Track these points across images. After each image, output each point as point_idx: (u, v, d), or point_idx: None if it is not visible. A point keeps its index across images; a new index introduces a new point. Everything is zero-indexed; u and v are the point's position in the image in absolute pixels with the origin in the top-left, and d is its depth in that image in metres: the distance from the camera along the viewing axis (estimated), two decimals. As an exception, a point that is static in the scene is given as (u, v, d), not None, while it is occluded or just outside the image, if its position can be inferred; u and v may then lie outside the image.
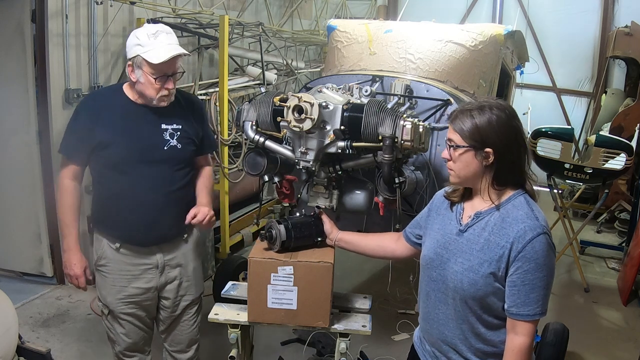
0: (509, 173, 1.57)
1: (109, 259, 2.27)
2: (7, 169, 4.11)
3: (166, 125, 2.23)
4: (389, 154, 2.12)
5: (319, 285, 2.00)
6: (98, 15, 4.22)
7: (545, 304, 1.53)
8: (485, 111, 1.54)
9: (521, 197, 1.58)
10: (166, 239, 2.32)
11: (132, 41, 2.12)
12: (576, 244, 5.08)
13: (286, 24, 6.60)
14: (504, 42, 3.43)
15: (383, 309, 3.86)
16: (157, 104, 2.17)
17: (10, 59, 3.94)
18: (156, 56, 2.06)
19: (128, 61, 2.13)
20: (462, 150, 1.57)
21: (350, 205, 2.47)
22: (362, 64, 3.18)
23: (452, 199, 1.72)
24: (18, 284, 4.10)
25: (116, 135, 2.15)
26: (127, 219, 2.22)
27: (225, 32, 4.26)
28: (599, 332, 3.87)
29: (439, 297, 1.67)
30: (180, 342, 2.48)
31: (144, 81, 2.11)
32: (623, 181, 5.90)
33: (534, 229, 1.50)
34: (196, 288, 2.46)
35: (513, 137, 1.55)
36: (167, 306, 2.39)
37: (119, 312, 2.30)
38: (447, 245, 1.65)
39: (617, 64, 7.20)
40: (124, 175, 2.18)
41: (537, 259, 1.49)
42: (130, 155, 2.17)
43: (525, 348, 1.54)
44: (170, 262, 2.34)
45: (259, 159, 2.32)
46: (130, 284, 2.28)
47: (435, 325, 1.70)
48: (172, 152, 2.24)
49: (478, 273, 1.55)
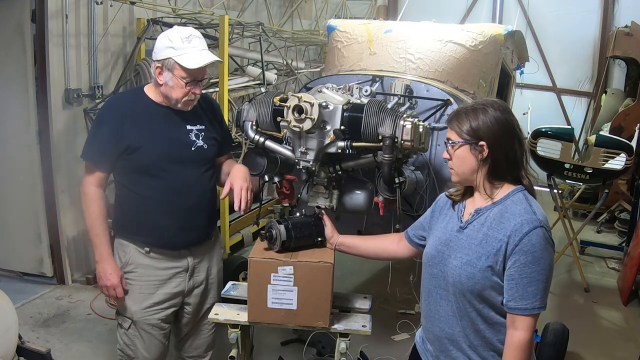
0: (504, 167, 1.61)
1: (137, 264, 2.22)
2: (7, 169, 4.11)
3: (191, 126, 2.21)
4: (389, 154, 2.12)
5: (319, 285, 2.00)
6: (98, 15, 4.22)
7: (544, 298, 1.53)
8: (478, 109, 1.61)
9: (520, 193, 1.61)
10: (197, 241, 2.30)
11: (164, 43, 2.07)
12: (576, 244, 5.08)
13: (286, 24, 6.60)
14: (504, 42, 3.42)
15: (383, 309, 3.86)
16: (182, 107, 2.14)
17: (10, 59, 3.94)
18: (193, 61, 2.04)
19: (156, 63, 2.09)
20: (458, 146, 1.63)
21: (350, 205, 2.47)
22: (362, 64, 3.18)
23: (454, 198, 1.76)
24: (18, 284, 4.10)
25: (145, 139, 2.12)
26: (158, 223, 2.18)
27: (225, 32, 4.26)
28: (599, 332, 3.87)
29: (440, 293, 1.68)
30: (199, 346, 2.46)
31: (172, 84, 2.08)
32: (623, 181, 5.90)
33: (531, 222, 1.52)
34: (218, 290, 2.43)
35: (505, 131, 1.60)
36: (191, 312, 2.36)
37: (143, 323, 2.24)
38: (448, 242, 1.68)
39: (617, 64, 7.20)
40: (154, 179, 2.15)
41: (534, 252, 1.50)
42: (161, 158, 2.14)
43: (524, 343, 1.54)
44: (198, 265, 2.33)
45: (259, 159, 2.31)
46: (158, 290, 2.23)
47: (436, 323, 1.70)
48: (199, 152, 2.22)
49: (476, 267, 1.57)
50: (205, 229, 2.32)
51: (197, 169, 2.23)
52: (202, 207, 2.26)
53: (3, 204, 4.18)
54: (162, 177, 2.15)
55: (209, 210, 2.32)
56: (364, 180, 2.52)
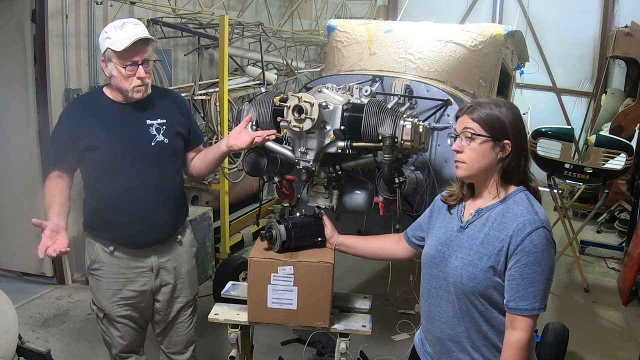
0: (516, 169, 1.59)
1: (102, 262, 2.24)
2: (7, 169, 4.11)
3: (151, 121, 2.21)
4: (389, 154, 2.12)
5: (319, 285, 2.00)
6: (98, 15, 4.22)
7: (544, 299, 1.52)
8: (502, 106, 1.59)
9: (522, 193, 1.60)
10: (161, 240, 2.29)
11: (102, 37, 2.11)
12: (576, 244, 5.08)
13: (286, 24, 6.61)
14: (504, 42, 3.43)
15: (383, 309, 3.87)
16: (133, 95, 2.14)
17: (10, 58, 3.94)
18: (122, 43, 2.05)
19: (101, 57, 2.13)
20: (481, 140, 1.57)
21: (350, 205, 2.47)
22: (362, 64, 3.18)
23: (449, 203, 1.73)
24: (18, 284, 4.11)
25: (103, 137, 2.13)
26: (120, 221, 2.19)
27: (225, 32, 4.26)
28: (599, 332, 3.87)
29: (441, 294, 1.66)
30: (178, 343, 2.47)
31: (116, 74, 2.10)
32: (623, 181, 5.90)
33: (533, 222, 1.51)
34: (191, 290, 2.44)
35: (524, 134, 1.60)
36: (161, 309, 2.37)
37: (115, 315, 2.27)
38: (449, 242, 1.66)
39: (617, 64, 7.20)
40: (114, 177, 2.16)
41: (536, 252, 1.49)
42: (119, 155, 2.15)
43: (523, 343, 1.52)
44: (165, 264, 2.32)
45: (259, 159, 2.31)
46: (124, 287, 2.25)
47: (437, 324, 1.69)
48: (159, 147, 2.22)
49: (477, 267, 1.56)
50: (167, 227, 2.30)
51: (158, 165, 2.22)
52: (163, 204, 2.24)
53: (3, 203, 4.18)
54: (120, 174, 2.15)
55: (173, 207, 2.30)
56: (364, 180, 2.51)
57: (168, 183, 2.26)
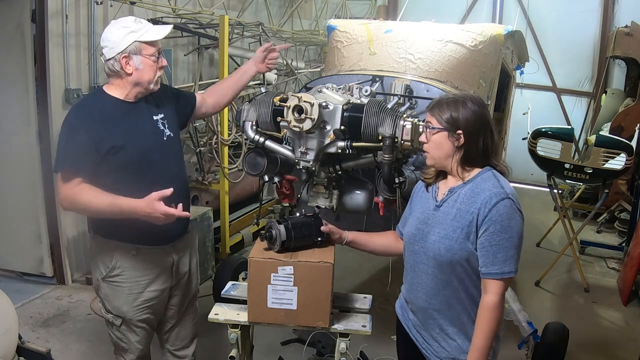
0: (475, 155, 1.76)
1: (123, 267, 2.19)
2: (7, 169, 4.12)
3: (156, 117, 2.22)
4: (389, 154, 2.13)
5: (319, 285, 2.00)
6: (98, 15, 4.22)
7: (513, 264, 1.68)
8: (458, 101, 1.77)
9: (489, 172, 1.77)
10: (183, 232, 2.32)
11: (122, 32, 2.07)
12: (576, 244, 5.08)
13: (286, 24, 6.61)
14: (504, 42, 3.43)
15: (383, 309, 3.85)
16: (154, 87, 2.16)
17: (10, 59, 3.95)
18: (155, 34, 2.09)
19: (121, 55, 2.07)
20: (436, 132, 1.77)
21: (350, 205, 2.47)
22: (362, 64, 3.18)
23: (427, 180, 1.91)
24: (18, 284, 4.10)
25: (125, 136, 2.09)
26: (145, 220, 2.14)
27: (225, 32, 4.26)
28: (599, 332, 3.87)
29: (422, 268, 1.82)
30: (184, 337, 2.47)
31: (143, 66, 2.09)
32: (623, 181, 5.90)
33: (499, 195, 1.68)
34: (198, 280, 2.49)
35: (481, 123, 1.76)
36: (176, 303, 2.38)
37: (135, 320, 2.24)
38: (427, 220, 1.83)
39: (617, 64, 7.19)
40: (139, 175, 2.13)
41: (502, 221, 1.66)
42: (144, 153, 2.14)
43: (493, 305, 1.68)
44: (182, 259, 2.34)
45: (259, 159, 2.32)
46: (145, 289, 2.23)
47: (420, 295, 1.84)
48: (170, 141, 2.24)
49: (452, 239, 1.73)
50: (184, 220, 2.28)
51: (173, 158, 2.24)
52: (184, 195, 2.27)
53: (3, 203, 4.18)
54: (146, 172, 2.15)
55: (186, 198, 2.34)
56: (364, 180, 2.52)
57: (183, 174, 2.32)
